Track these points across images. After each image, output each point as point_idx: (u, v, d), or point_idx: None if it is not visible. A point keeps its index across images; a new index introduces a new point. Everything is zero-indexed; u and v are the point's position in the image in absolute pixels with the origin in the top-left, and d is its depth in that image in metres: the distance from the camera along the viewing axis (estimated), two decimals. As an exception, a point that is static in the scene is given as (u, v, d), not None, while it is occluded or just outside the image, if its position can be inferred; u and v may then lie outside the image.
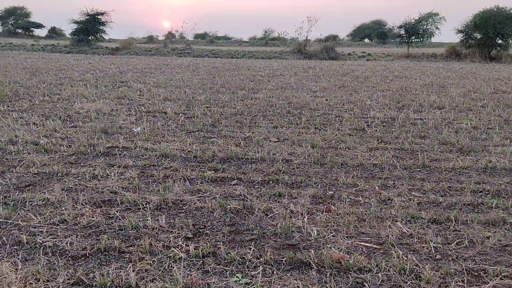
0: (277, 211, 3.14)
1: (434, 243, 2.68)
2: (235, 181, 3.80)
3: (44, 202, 3.22)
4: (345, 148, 4.91)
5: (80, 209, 3.10)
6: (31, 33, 59.14)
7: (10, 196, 3.31)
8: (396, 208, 3.20)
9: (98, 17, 30.59)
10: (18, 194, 3.34)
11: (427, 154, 4.67)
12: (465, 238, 2.77)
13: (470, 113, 7.17)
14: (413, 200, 3.37)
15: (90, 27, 30.39)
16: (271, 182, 3.79)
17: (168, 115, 6.67)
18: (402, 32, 29.40)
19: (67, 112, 6.69)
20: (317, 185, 3.71)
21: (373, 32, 62.99)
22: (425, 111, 7.36)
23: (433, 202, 3.36)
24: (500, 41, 24.94)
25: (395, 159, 4.49)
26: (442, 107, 7.69)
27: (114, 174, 3.85)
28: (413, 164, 4.33)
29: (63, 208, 3.10)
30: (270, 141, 5.21)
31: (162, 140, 5.10)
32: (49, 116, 6.30)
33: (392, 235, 2.77)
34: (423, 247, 2.64)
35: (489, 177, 3.98)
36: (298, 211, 3.14)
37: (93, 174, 3.85)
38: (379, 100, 8.42)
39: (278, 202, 3.33)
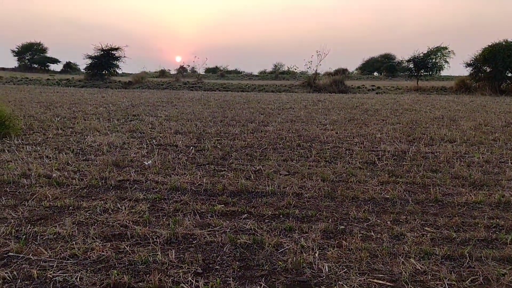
0: (288, 246, 3.11)
1: (448, 280, 2.62)
2: (245, 215, 3.78)
3: (55, 236, 3.22)
4: (356, 182, 4.89)
5: (90, 243, 3.10)
6: (47, 68, 60.74)
7: (22, 230, 3.32)
8: (409, 244, 3.15)
9: (112, 52, 31.41)
10: (29, 228, 3.35)
11: (439, 189, 4.62)
12: (479, 275, 2.70)
13: (481, 147, 7.12)
14: (426, 236, 3.32)
15: (104, 62, 31.18)
16: (281, 216, 3.76)
17: (179, 148, 6.73)
18: (411, 65, 29.67)
19: (80, 145, 6.78)
20: (328, 220, 3.67)
21: (382, 66, 63.58)
22: (436, 144, 7.33)
23: (446, 238, 3.30)
24: (510, 74, 25.00)
25: (407, 193, 4.45)
26: (453, 141, 7.66)
27: (125, 208, 3.86)
28: (426, 199, 4.28)
29: (74, 242, 3.10)
30: (281, 174, 5.21)
31: (172, 173, 5.12)
32: (62, 150, 6.39)
33: (405, 272, 2.71)
34: (437, 284, 2.58)
35: (502, 212, 3.91)
36: (309, 246, 3.10)
37: (104, 207, 3.86)
38: (389, 133, 8.42)
39: (289, 236, 3.30)
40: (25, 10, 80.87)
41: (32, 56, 61.43)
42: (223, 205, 4.01)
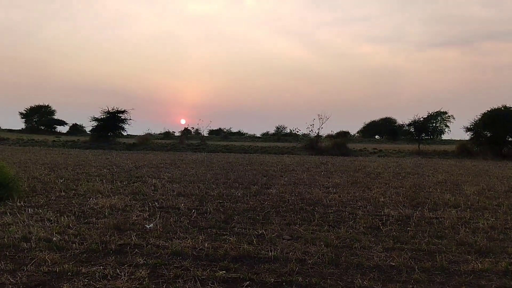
0: (291, 316, 3.01)
1: None
2: (247, 282, 3.69)
3: (51, 303, 3.14)
4: (360, 248, 4.81)
5: (88, 311, 3.01)
6: (53, 130, 61.83)
7: (18, 296, 3.24)
8: (416, 315, 3.05)
9: (118, 115, 32.07)
10: (26, 294, 3.27)
11: (445, 256, 4.53)
12: None
13: (486, 212, 7.05)
14: (434, 306, 3.21)
15: (110, 124, 31.75)
16: (284, 284, 3.67)
17: (181, 210, 6.70)
18: (412, 129, 30.09)
19: (81, 208, 6.76)
20: (332, 288, 3.57)
21: (383, 129, 64.48)
22: (440, 209, 7.27)
23: (455, 309, 3.19)
24: (511, 139, 25.27)
25: (412, 261, 4.36)
26: (457, 206, 7.60)
27: (124, 274, 3.78)
28: (432, 267, 4.19)
29: (71, 310, 3.01)
30: (284, 239, 5.14)
31: (174, 237, 5.06)
32: (64, 212, 6.36)
33: None
34: None
35: (510, 281, 3.81)
36: (313, 316, 3.00)
37: (103, 273, 3.79)
38: (393, 197, 8.38)
39: (292, 306, 3.19)
40: (35, 75, 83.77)
41: (40, 118, 62.77)
42: (224, 272, 3.92)
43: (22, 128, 62.92)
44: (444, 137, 31.88)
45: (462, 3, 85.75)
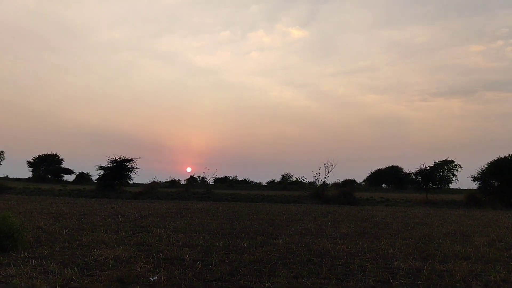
0: None
1: None
2: None
3: None
4: (370, 303, 4.66)
5: None
6: (60, 178, 62.07)
7: None
8: None
9: (125, 163, 32.20)
10: None
11: (458, 311, 4.38)
12: None
13: (497, 264, 6.87)
14: None
15: (116, 173, 31.83)
16: None
17: (186, 262, 6.58)
18: (419, 178, 29.91)
19: (85, 259, 6.67)
20: None
21: (390, 177, 64.13)
22: (450, 261, 7.09)
23: None
24: (519, 188, 24.99)
25: (424, 316, 4.21)
26: (467, 258, 7.42)
27: (127, 330, 3.68)
28: (444, 323, 4.04)
29: None
30: (290, 293, 5.00)
31: (178, 291, 4.95)
32: (68, 264, 6.28)
33: None
34: None
35: None
36: None
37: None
38: (402, 249, 8.21)
39: None
40: (44, 124, 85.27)
41: (47, 167, 63.18)
42: (230, 328, 3.80)
43: (29, 177, 63.27)
44: (452, 186, 31.63)
45: (463, 54, 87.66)
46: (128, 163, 32.29)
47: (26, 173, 65.11)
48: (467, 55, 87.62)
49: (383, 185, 66.17)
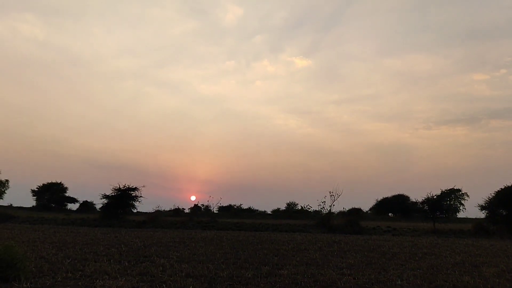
0: None
1: None
2: None
3: None
4: (378, 337, 4.52)
5: None
6: (64, 207, 61.82)
7: None
8: None
9: (129, 192, 32.04)
10: None
11: None
12: None
13: (510, 296, 6.69)
14: None
15: (120, 201, 31.63)
16: None
17: (189, 294, 6.46)
18: (426, 207, 29.56)
19: (88, 290, 6.56)
20: None
21: (396, 206, 63.44)
22: (460, 293, 6.91)
23: None
24: (527, 217, 24.65)
25: None
26: (478, 289, 7.24)
27: None
28: None
29: None
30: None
31: (182, 324, 4.83)
32: (70, 294, 6.17)
33: None
34: None
35: None
36: None
37: None
38: (410, 280, 8.03)
39: None
40: (49, 153, 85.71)
41: (51, 195, 63.00)
42: None
43: (33, 206, 63.04)
44: (459, 215, 31.19)
45: (467, 83, 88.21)
46: (132, 192, 32.11)
47: (30, 201, 64.92)
48: (470, 83, 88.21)
49: (389, 214, 65.35)
